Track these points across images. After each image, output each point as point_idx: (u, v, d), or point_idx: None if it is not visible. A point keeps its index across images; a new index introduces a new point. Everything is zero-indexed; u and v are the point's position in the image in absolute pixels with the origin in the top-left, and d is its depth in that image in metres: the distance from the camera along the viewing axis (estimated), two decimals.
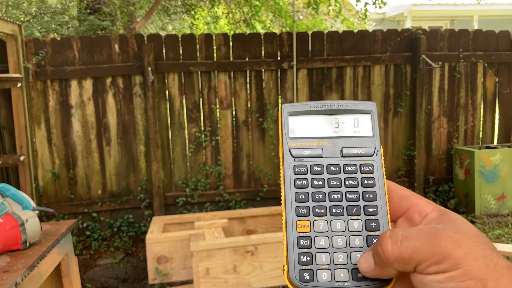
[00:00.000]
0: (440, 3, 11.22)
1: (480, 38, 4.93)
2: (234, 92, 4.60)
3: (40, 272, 1.57)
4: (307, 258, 0.41)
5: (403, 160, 4.94)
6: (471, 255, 0.34)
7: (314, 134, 0.46)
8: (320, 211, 0.43)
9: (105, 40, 4.34)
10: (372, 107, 0.46)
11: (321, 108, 0.46)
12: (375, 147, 0.45)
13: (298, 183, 0.44)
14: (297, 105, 0.46)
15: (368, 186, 0.43)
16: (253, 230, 3.86)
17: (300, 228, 0.42)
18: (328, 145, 0.45)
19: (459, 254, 0.34)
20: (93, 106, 4.39)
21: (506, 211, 4.57)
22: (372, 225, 0.42)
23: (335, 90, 4.75)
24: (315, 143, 0.45)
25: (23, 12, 7.17)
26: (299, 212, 0.43)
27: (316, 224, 0.42)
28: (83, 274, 3.71)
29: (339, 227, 0.42)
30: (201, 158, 4.61)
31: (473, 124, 5.04)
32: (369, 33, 4.79)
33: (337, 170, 0.44)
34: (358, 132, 0.45)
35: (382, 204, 0.43)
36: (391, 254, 0.36)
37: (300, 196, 0.43)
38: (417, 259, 0.35)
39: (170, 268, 3.21)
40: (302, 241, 0.42)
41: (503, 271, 0.34)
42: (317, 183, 0.43)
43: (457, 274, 0.34)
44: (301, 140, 0.45)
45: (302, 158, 0.45)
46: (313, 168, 0.44)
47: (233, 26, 8.30)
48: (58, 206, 4.36)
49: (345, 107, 0.46)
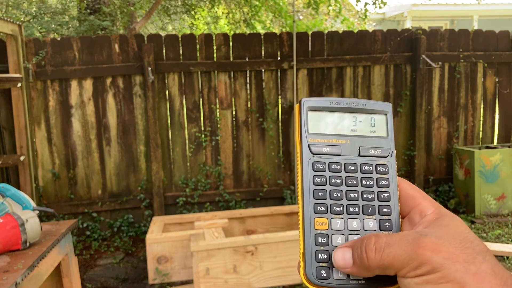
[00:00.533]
0: (440, 3, 11.21)
1: (480, 38, 4.93)
2: (234, 92, 4.60)
3: (40, 272, 1.57)
4: (325, 256, 0.42)
5: (403, 160, 4.95)
6: (451, 259, 0.35)
7: (333, 131, 0.46)
8: (337, 209, 0.43)
9: (105, 40, 4.34)
10: (389, 108, 0.47)
11: (341, 105, 0.46)
12: (390, 148, 0.45)
13: (317, 180, 0.44)
14: (317, 100, 0.46)
15: (383, 186, 0.44)
16: (253, 230, 3.87)
17: (318, 226, 0.42)
18: (346, 143, 0.45)
19: (437, 260, 0.35)
20: (93, 106, 4.40)
21: (506, 211, 4.57)
22: (386, 225, 0.43)
23: (335, 90, 4.75)
24: (334, 140, 0.45)
25: (23, 12, 7.17)
26: (318, 209, 0.43)
27: (333, 222, 0.43)
28: (83, 274, 3.72)
29: (355, 226, 0.43)
30: (201, 158, 4.61)
31: (473, 124, 5.04)
32: (369, 33, 4.80)
33: (354, 169, 0.44)
34: (374, 132, 0.46)
35: (395, 205, 0.44)
36: (373, 262, 0.37)
37: (319, 194, 0.43)
38: (396, 266, 0.36)
39: (170, 268, 3.21)
40: (320, 239, 0.42)
41: (485, 275, 0.34)
42: (335, 181, 0.44)
43: (435, 277, 0.35)
44: (320, 136, 0.45)
45: (321, 155, 0.45)
46: (331, 166, 0.44)
47: (233, 26, 8.30)
48: (58, 206, 4.36)
49: (364, 106, 0.46)
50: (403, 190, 0.44)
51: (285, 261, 3.05)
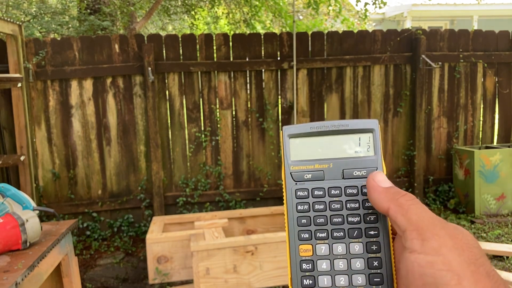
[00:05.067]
0: (440, 3, 11.22)
1: (480, 38, 4.94)
2: (234, 92, 4.61)
3: (40, 272, 1.57)
4: (310, 282, 0.42)
5: (403, 160, 4.95)
6: (457, 252, 0.35)
7: (314, 157, 0.45)
8: (321, 235, 0.43)
9: (105, 40, 4.35)
10: (374, 125, 0.45)
11: (322, 129, 0.46)
12: (376, 167, 0.44)
13: (300, 208, 0.44)
14: (297, 127, 0.46)
15: (369, 208, 0.43)
16: (253, 230, 3.87)
17: (302, 252, 0.43)
18: (329, 167, 0.45)
19: (444, 240, 0.36)
20: (93, 106, 4.40)
21: (506, 211, 4.57)
22: (373, 247, 0.42)
23: (335, 90, 4.75)
24: (316, 165, 0.45)
25: (23, 12, 7.17)
26: (301, 236, 0.43)
27: (318, 248, 0.43)
28: (83, 274, 3.72)
29: (340, 250, 0.43)
30: (201, 158, 4.61)
31: (473, 124, 5.04)
32: (369, 33, 4.80)
33: (338, 193, 0.44)
34: (359, 153, 0.45)
35: (383, 226, 0.43)
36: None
37: (302, 221, 0.43)
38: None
39: (170, 268, 3.21)
40: (304, 265, 0.42)
41: (481, 277, 0.34)
42: (318, 207, 0.44)
43: (438, 260, 0.35)
44: (302, 163, 0.45)
45: (304, 181, 0.45)
46: (314, 192, 0.44)
47: (233, 26, 8.30)
48: (58, 206, 4.37)
49: (346, 127, 0.45)
50: None
51: (285, 261, 3.05)
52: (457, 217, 4.59)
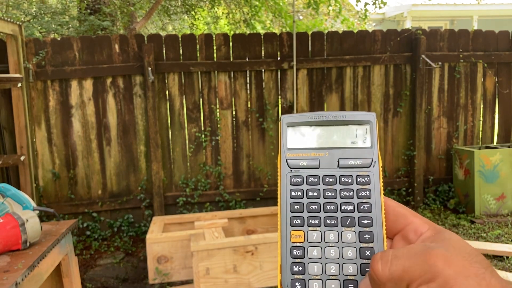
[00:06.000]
0: (440, 3, 11.22)
1: (480, 38, 4.94)
2: (234, 92, 4.61)
3: (40, 272, 1.57)
4: (299, 268, 0.41)
5: (403, 160, 4.95)
6: (462, 274, 0.34)
7: (311, 145, 0.46)
8: (314, 222, 0.43)
9: (105, 40, 4.35)
10: (372, 117, 0.46)
11: (320, 119, 0.46)
12: (372, 158, 0.44)
13: (293, 194, 0.44)
14: (296, 116, 0.47)
15: (363, 197, 0.43)
16: (253, 230, 3.87)
17: (294, 238, 0.42)
18: (325, 156, 0.45)
19: (449, 272, 0.34)
20: (93, 106, 4.40)
21: (506, 211, 4.57)
22: (365, 237, 0.42)
23: (335, 90, 4.75)
24: (312, 154, 0.45)
25: (23, 12, 7.17)
26: (293, 222, 0.43)
27: (309, 234, 0.42)
28: (83, 274, 3.72)
29: (332, 238, 0.42)
30: (201, 158, 4.61)
31: (473, 124, 5.04)
32: (369, 33, 4.80)
33: (332, 181, 0.44)
34: (356, 143, 0.45)
35: (377, 216, 0.43)
36: (383, 275, 0.36)
37: (295, 207, 0.43)
38: (408, 278, 0.35)
39: (170, 268, 3.21)
40: (295, 251, 0.42)
41: None
42: (312, 194, 0.44)
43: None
44: (298, 150, 0.46)
45: (299, 168, 0.45)
46: (309, 179, 0.44)
47: (233, 26, 8.31)
48: (58, 206, 4.37)
49: (344, 117, 0.46)
50: (391, 208, 0.44)
51: None
52: (457, 217, 4.59)
